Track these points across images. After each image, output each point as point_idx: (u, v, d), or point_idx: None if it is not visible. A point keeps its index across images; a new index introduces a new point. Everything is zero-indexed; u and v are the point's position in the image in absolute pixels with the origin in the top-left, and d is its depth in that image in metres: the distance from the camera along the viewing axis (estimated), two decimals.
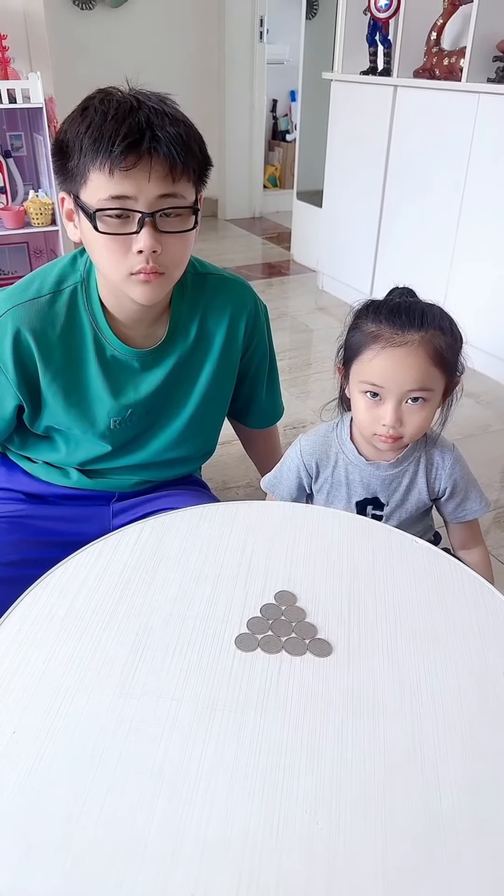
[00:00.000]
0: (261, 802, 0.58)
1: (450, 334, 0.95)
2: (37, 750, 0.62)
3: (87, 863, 0.54)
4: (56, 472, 1.14)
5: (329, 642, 0.74)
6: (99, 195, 0.85)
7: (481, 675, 0.71)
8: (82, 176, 0.86)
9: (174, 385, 1.09)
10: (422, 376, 0.94)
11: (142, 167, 0.84)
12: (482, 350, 2.55)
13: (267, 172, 5.21)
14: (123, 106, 0.84)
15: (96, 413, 1.06)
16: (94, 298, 1.01)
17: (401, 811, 0.58)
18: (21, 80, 2.66)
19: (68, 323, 1.00)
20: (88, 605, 0.78)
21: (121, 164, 0.83)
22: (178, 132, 0.85)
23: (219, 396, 1.17)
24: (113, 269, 0.91)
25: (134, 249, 0.88)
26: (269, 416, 1.34)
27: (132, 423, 1.09)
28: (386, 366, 0.94)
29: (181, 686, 0.68)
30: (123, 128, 0.82)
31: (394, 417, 0.96)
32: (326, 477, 1.10)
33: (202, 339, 1.09)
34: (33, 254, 3.05)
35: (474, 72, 2.44)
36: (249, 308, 1.13)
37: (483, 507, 1.08)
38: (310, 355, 2.88)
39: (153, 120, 0.83)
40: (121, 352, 1.03)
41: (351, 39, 3.04)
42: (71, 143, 0.86)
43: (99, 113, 0.83)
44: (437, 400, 0.98)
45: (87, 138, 0.83)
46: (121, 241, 0.88)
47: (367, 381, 0.97)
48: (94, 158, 0.83)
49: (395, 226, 3.00)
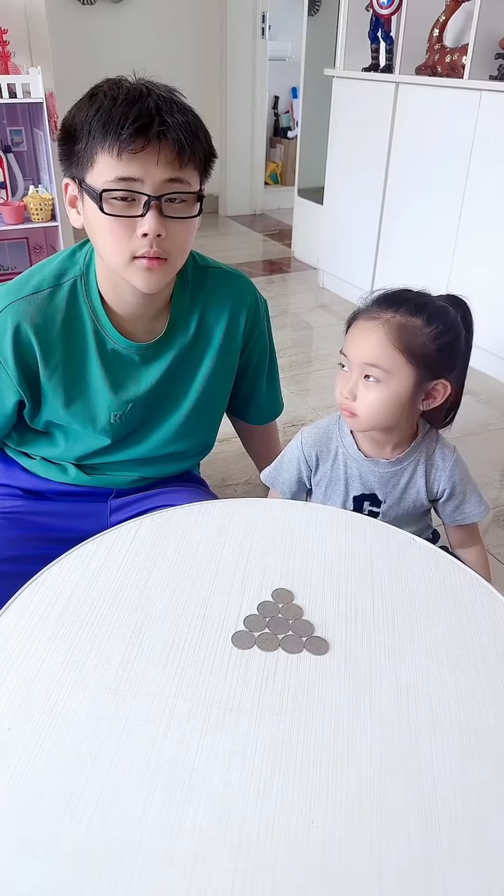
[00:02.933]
0: (256, 801, 0.58)
1: (430, 329, 0.94)
2: (31, 747, 0.61)
3: (82, 861, 0.53)
4: (54, 469, 1.14)
5: (326, 640, 0.74)
6: (105, 177, 0.86)
7: (478, 673, 0.71)
8: (89, 159, 0.86)
9: (174, 378, 1.09)
10: (378, 353, 0.95)
11: (150, 150, 0.84)
12: (481, 348, 2.54)
13: (268, 169, 5.20)
14: (133, 92, 0.85)
15: (97, 408, 1.06)
16: (93, 292, 1.00)
17: (397, 810, 0.58)
18: (22, 75, 2.66)
19: (68, 317, 1.00)
20: (84, 602, 0.78)
21: (129, 147, 0.83)
22: (186, 119, 0.86)
23: (218, 391, 1.16)
24: (115, 254, 0.91)
25: (139, 232, 0.88)
26: (269, 412, 1.34)
27: (132, 418, 1.09)
28: (353, 336, 0.98)
29: (177, 683, 0.68)
30: (133, 111, 0.83)
31: (348, 389, 0.98)
32: (325, 470, 1.10)
33: (202, 333, 1.09)
34: (33, 249, 3.04)
35: (476, 69, 2.44)
36: (250, 302, 1.13)
37: (482, 511, 1.08)
38: (310, 353, 2.87)
39: (162, 106, 0.84)
40: (121, 345, 1.03)
41: (353, 36, 3.03)
42: (79, 126, 0.86)
43: (108, 98, 0.84)
44: (396, 387, 0.95)
45: (96, 121, 0.84)
46: (125, 224, 0.88)
47: (341, 352, 1.00)
48: (103, 141, 0.84)
49: (397, 223, 2.99)
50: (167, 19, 4.13)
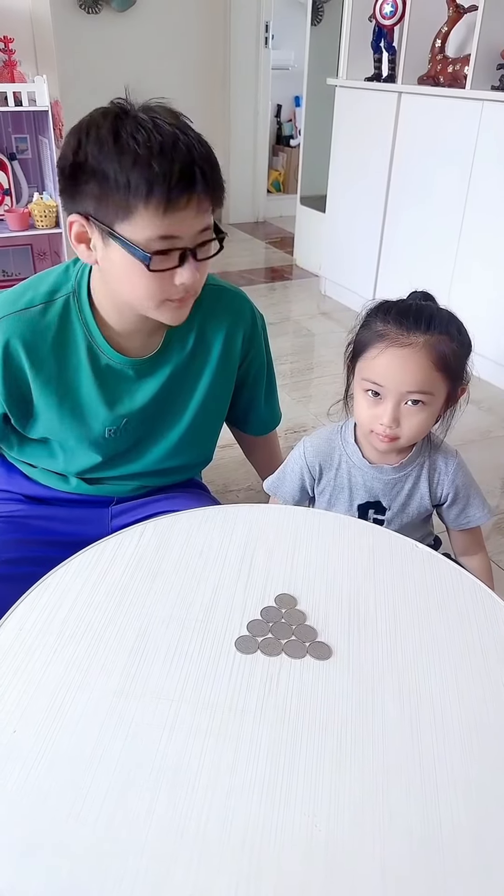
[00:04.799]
0: (259, 805, 0.58)
1: (457, 341, 0.95)
2: (37, 750, 0.62)
3: (87, 863, 0.54)
4: (55, 478, 1.14)
5: (329, 645, 0.74)
6: (147, 234, 0.84)
7: (481, 681, 0.71)
8: (125, 209, 0.83)
9: (171, 395, 1.09)
10: (422, 379, 0.94)
11: (191, 205, 0.83)
12: (483, 356, 2.55)
13: (271, 177, 5.23)
14: (166, 139, 0.81)
15: (90, 422, 1.05)
16: (85, 309, 1.00)
17: (400, 815, 0.58)
18: (27, 83, 2.68)
19: (60, 333, 1.00)
20: (89, 606, 0.78)
21: (177, 206, 0.82)
22: (212, 164, 0.84)
23: (216, 406, 1.16)
24: (146, 300, 0.91)
25: (176, 282, 0.88)
26: (268, 424, 1.34)
27: (127, 433, 1.09)
28: (388, 365, 0.95)
29: (181, 687, 0.69)
30: (176, 166, 0.80)
31: (391, 417, 0.96)
32: (329, 479, 1.10)
33: (199, 350, 1.09)
34: (37, 255, 3.06)
35: (478, 79, 2.45)
36: (247, 320, 1.13)
37: (485, 514, 1.08)
38: (311, 360, 2.88)
39: (194, 152, 0.82)
40: (115, 361, 1.03)
41: (356, 46, 3.06)
42: (104, 172, 0.82)
43: (142, 145, 0.80)
44: (437, 405, 0.98)
45: (135, 172, 0.80)
46: (161, 275, 0.87)
47: (368, 379, 0.97)
48: (148, 197, 0.81)
49: (398, 232, 3.00)
50: (171, 28, 4.16)
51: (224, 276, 3.40)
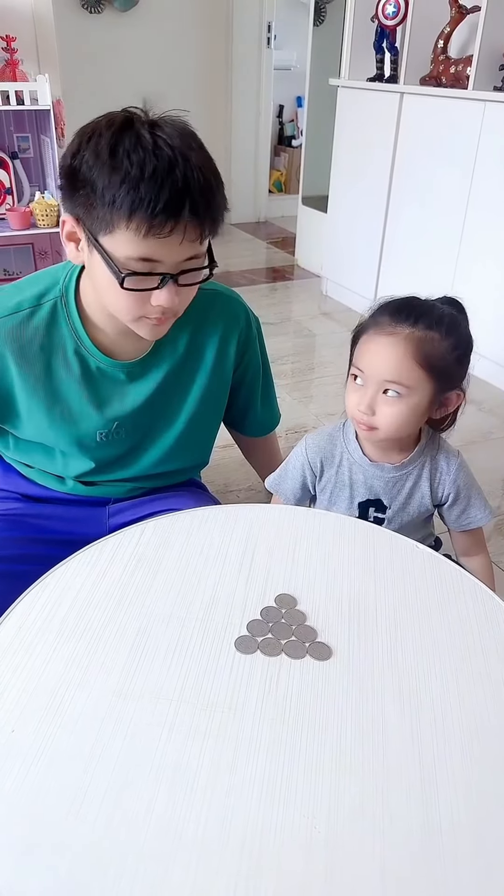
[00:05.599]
0: (259, 805, 0.58)
1: (447, 342, 0.95)
2: (35, 749, 0.62)
3: (85, 862, 0.54)
4: (52, 478, 1.14)
5: (329, 646, 0.74)
6: (126, 252, 0.83)
7: (482, 682, 0.71)
8: (107, 224, 0.82)
9: (163, 399, 1.08)
10: (399, 369, 0.94)
11: (176, 234, 0.82)
12: (484, 357, 2.55)
13: (272, 177, 5.23)
14: (161, 163, 0.79)
15: (81, 426, 1.05)
16: (73, 313, 0.99)
17: (399, 816, 0.58)
18: (29, 82, 2.68)
19: (48, 337, 0.99)
20: (88, 605, 0.78)
21: (157, 231, 0.80)
22: (211, 195, 0.83)
23: (211, 410, 1.16)
24: (124, 314, 0.91)
25: (153, 303, 0.88)
26: (266, 425, 1.33)
27: (119, 438, 1.08)
28: (370, 350, 0.96)
29: (180, 687, 0.68)
30: (164, 193, 0.78)
31: (366, 404, 0.97)
32: (330, 476, 1.10)
33: (193, 354, 1.08)
34: (38, 254, 3.06)
35: (481, 80, 2.45)
36: (241, 323, 1.12)
37: (486, 515, 1.08)
38: (312, 360, 2.88)
39: (191, 182, 0.80)
40: (105, 364, 1.02)
41: (358, 46, 3.06)
42: (92, 182, 0.81)
43: (135, 165, 0.78)
44: (417, 400, 0.96)
45: (122, 193, 0.79)
46: (136, 293, 0.87)
47: (354, 365, 0.99)
48: (130, 218, 0.80)
49: (400, 232, 3.00)
50: (174, 28, 4.17)
51: (225, 275, 3.41)
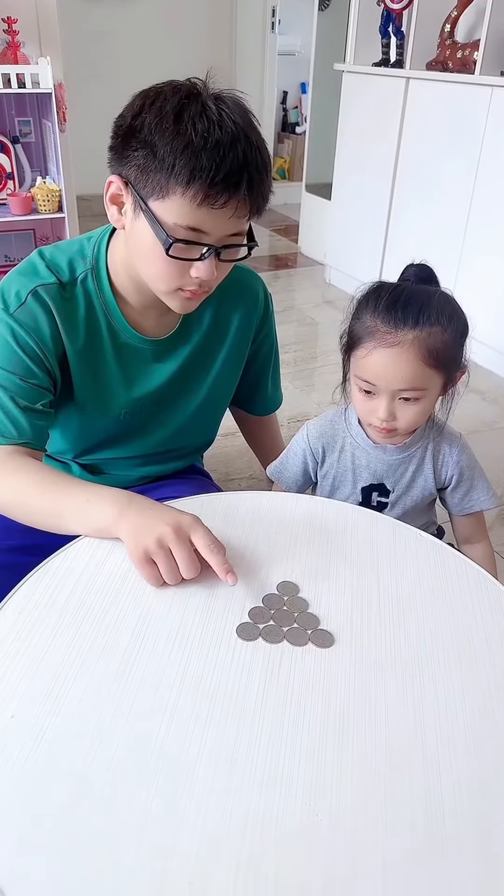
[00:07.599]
0: (260, 793, 0.58)
1: (449, 330, 0.94)
2: (35, 735, 0.61)
3: (85, 850, 0.53)
4: (57, 465, 1.13)
5: (331, 633, 0.73)
6: (176, 219, 0.83)
7: (485, 670, 0.70)
8: (162, 188, 0.82)
9: (187, 375, 1.08)
10: (413, 377, 0.93)
11: (229, 207, 0.82)
12: (489, 346, 2.54)
13: (276, 164, 5.19)
14: (225, 136, 0.79)
15: (108, 401, 1.05)
16: (104, 286, 0.99)
17: (401, 804, 0.57)
18: (31, 65, 2.65)
19: (87, 308, 0.99)
20: (89, 591, 0.77)
21: (213, 202, 0.81)
22: (266, 175, 0.84)
23: (225, 389, 1.16)
24: (160, 282, 0.90)
25: (192, 274, 0.87)
26: (272, 404, 1.35)
27: (137, 416, 1.08)
28: (378, 364, 0.94)
29: (181, 673, 0.68)
30: (224, 165, 0.79)
31: (386, 413, 0.96)
32: (332, 462, 1.09)
33: (217, 329, 1.08)
34: (40, 240, 3.04)
35: (488, 65, 2.43)
36: (261, 298, 1.13)
37: (490, 497, 1.08)
38: (315, 349, 2.87)
39: (249, 159, 0.81)
40: (134, 340, 1.02)
41: (363, 31, 3.02)
42: (154, 145, 0.80)
43: (199, 134, 0.79)
44: (432, 396, 0.98)
45: (183, 158, 0.79)
46: (178, 262, 0.86)
47: (361, 377, 0.97)
48: (188, 184, 0.80)
49: (405, 219, 2.98)
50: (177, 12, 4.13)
51: None
